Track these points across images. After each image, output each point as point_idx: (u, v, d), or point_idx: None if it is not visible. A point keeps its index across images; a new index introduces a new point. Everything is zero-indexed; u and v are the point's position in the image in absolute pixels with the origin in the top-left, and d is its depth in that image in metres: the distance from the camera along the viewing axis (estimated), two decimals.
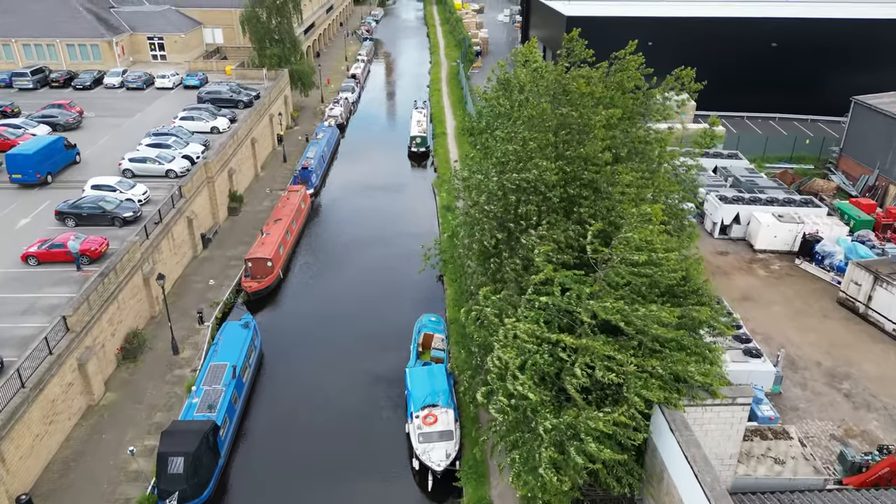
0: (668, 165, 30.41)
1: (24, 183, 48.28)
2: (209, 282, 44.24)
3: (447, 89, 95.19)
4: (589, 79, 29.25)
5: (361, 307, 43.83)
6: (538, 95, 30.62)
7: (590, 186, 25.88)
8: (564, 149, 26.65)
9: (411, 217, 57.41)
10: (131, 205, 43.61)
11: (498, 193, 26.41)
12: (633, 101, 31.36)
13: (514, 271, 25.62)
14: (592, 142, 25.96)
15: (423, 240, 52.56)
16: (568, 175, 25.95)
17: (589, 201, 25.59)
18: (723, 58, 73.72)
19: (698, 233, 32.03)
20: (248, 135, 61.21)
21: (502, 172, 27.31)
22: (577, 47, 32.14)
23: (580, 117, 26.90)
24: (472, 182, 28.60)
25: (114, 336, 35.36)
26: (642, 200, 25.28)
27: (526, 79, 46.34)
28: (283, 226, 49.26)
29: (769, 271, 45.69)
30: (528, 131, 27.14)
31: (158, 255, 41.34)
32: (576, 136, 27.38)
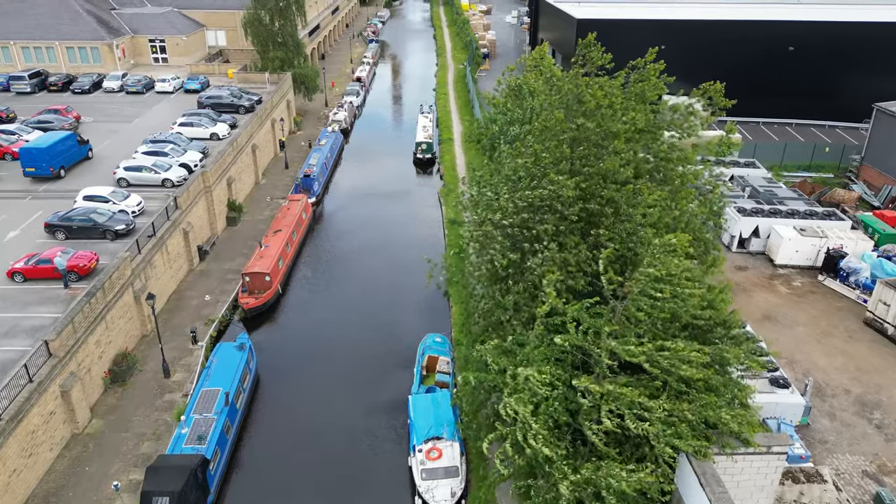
0: (692, 186, 28.38)
1: (38, 176, 49.32)
2: (205, 297, 42.40)
3: (454, 93, 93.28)
4: (606, 88, 27.26)
5: (363, 325, 41.92)
6: (551, 106, 28.61)
7: (609, 205, 23.90)
8: (581, 164, 24.66)
9: (416, 228, 55.47)
10: (124, 217, 41.81)
11: (510, 210, 24.44)
12: (655, 114, 29.34)
13: (521, 298, 23.66)
14: (612, 156, 23.96)
15: (428, 252, 50.82)
16: (585, 192, 23.98)
17: (608, 221, 23.62)
18: (738, 61, 71.57)
19: (724, 256, 29.91)
20: (249, 141, 59.40)
21: (514, 190, 25.35)
22: (593, 54, 30.14)
23: (598, 128, 24.89)
24: (481, 201, 26.58)
25: (101, 358, 33.54)
26: (666, 225, 23.27)
27: (538, 86, 44.60)
28: (282, 237, 47.39)
29: (791, 288, 43.58)
30: (540, 144, 25.14)
31: (151, 270, 39.53)
32: (593, 149, 25.40)
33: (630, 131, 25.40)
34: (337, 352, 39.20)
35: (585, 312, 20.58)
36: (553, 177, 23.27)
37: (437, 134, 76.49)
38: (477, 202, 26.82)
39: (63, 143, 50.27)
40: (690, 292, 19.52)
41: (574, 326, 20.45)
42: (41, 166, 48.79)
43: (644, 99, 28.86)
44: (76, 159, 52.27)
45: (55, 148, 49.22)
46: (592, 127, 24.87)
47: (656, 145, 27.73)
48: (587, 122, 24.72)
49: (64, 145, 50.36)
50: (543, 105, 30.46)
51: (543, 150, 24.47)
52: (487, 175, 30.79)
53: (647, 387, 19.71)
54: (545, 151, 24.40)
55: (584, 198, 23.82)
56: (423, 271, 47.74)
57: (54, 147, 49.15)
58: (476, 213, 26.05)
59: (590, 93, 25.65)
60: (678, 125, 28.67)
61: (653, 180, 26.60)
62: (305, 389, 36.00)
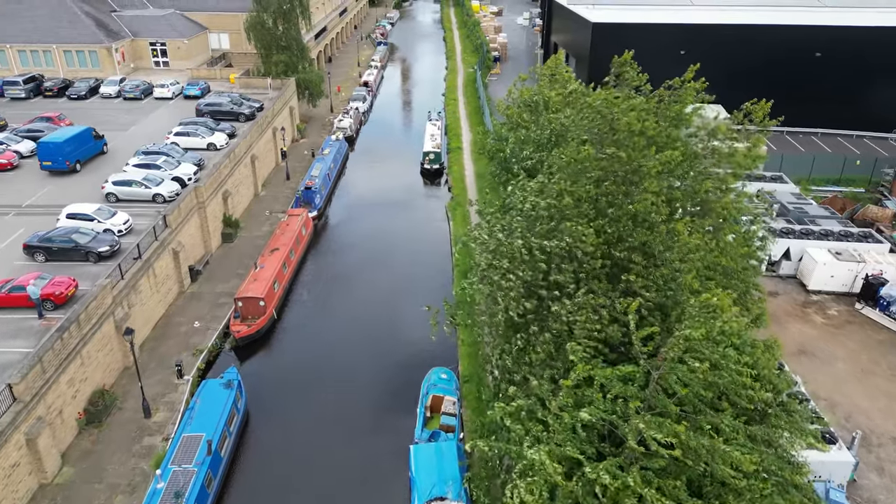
0: (733, 219, 25.24)
1: (55, 170, 50.09)
2: (194, 323, 39.57)
3: (463, 98, 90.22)
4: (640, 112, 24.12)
5: (363, 354, 38.98)
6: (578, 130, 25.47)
7: (640, 250, 20.79)
8: (607, 204, 21.56)
9: (422, 245, 52.43)
10: (108, 238, 39.04)
11: (524, 256, 21.36)
12: (690, 137, 26.16)
13: (544, 351, 20.59)
14: (643, 195, 20.85)
15: (434, 271, 48.02)
16: (611, 236, 20.88)
17: (640, 267, 20.51)
18: (761, 68, 68.26)
19: (765, 303, 26.65)
20: (248, 152, 56.58)
21: (529, 229, 22.25)
22: (628, 74, 27.01)
23: (629, 160, 21.78)
24: (491, 244, 23.41)
25: (75, 398, 30.75)
26: (706, 267, 20.15)
27: (555, 97, 41.48)
28: (279, 257, 44.51)
29: (826, 317, 40.29)
30: (563, 182, 22.00)
31: (136, 295, 36.74)
32: (621, 186, 22.26)
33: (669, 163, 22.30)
34: (334, 385, 36.30)
35: (615, 379, 17.53)
36: (571, 227, 20.15)
37: (446, 142, 73.48)
38: (487, 246, 23.64)
39: (79, 137, 51.21)
40: (737, 369, 16.45)
41: (601, 396, 17.43)
42: (58, 160, 49.67)
43: (679, 122, 25.70)
44: (92, 154, 53.14)
45: (72, 142, 50.20)
46: (624, 157, 21.72)
47: (692, 175, 24.57)
48: (619, 152, 21.54)
49: (80, 140, 51.34)
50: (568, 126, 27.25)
51: (567, 190, 21.36)
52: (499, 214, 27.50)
53: (683, 471, 16.65)
54: (568, 193, 21.31)
55: (609, 242, 20.73)
56: (429, 293, 45.07)
57: (71, 141, 50.10)
58: (487, 258, 22.91)
59: (626, 120, 22.52)
60: (719, 153, 25.55)
61: (687, 212, 23.45)
62: (297, 432, 33.01)
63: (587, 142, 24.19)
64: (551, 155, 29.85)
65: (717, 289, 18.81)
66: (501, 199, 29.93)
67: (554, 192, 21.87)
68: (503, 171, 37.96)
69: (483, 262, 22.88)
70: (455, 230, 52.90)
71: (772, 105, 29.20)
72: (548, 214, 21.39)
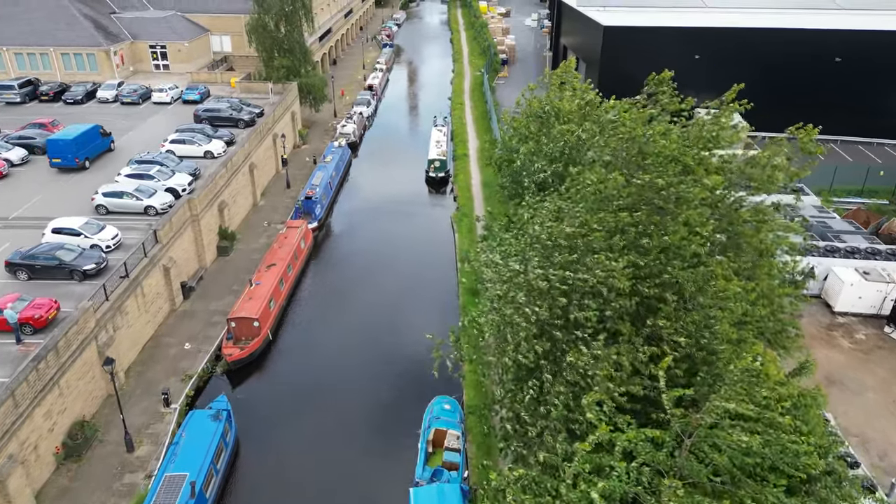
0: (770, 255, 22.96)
1: (64, 167, 50.50)
2: (185, 345, 37.55)
3: (470, 103, 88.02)
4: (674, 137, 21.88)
5: (363, 378, 36.89)
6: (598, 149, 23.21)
7: (672, 288, 18.55)
8: (638, 235, 19.30)
9: (426, 259, 50.24)
10: (94, 255, 37.01)
11: (541, 288, 19.12)
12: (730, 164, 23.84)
13: (561, 403, 18.34)
14: (678, 226, 18.62)
15: (438, 288, 45.88)
16: (642, 270, 18.66)
17: (670, 308, 18.27)
18: (779, 73, 65.90)
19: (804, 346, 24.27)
20: (246, 160, 54.58)
21: (547, 257, 20.01)
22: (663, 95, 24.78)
23: (667, 186, 19.55)
24: (504, 272, 21.13)
25: (52, 431, 28.75)
26: (745, 319, 17.91)
27: (568, 106, 39.29)
28: (276, 273, 42.46)
29: (854, 342, 37.95)
30: (589, 213, 19.75)
31: (122, 317, 34.73)
32: (654, 217, 20.02)
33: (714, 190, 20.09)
34: (330, 414, 34.24)
35: (640, 443, 15.34)
36: (604, 261, 17.91)
37: (452, 148, 71.37)
38: (499, 272, 21.36)
39: (87, 134, 51.57)
40: (790, 438, 14.24)
41: (624, 463, 15.24)
42: (67, 157, 50.16)
43: (712, 146, 23.41)
44: (100, 151, 53.62)
45: (80, 139, 50.57)
46: (662, 184, 19.48)
47: (728, 203, 22.28)
48: (655, 179, 19.30)
49: (88, 137, 51.71)
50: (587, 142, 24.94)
51: (595, 222, 19.12)
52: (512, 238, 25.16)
53: None
54: (597, 224, 19.07)
55: (638, 278, 18.51)
56: (432, 312, 42.96)
57: (80, 138, 50.46)
58: (499, 288, 20.64)
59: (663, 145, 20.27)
60: (758, 180, 23.29)
61: (721, 247, 21.18)
62: (290, 467, 30.93)
63: (610, 164, 21.92)
64: (569, 174, 27.65)
65: (757, 342, 16.62)
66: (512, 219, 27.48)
67: (577, 221, 19.58)
68: (513, 184, 35.77)
69: (495, 293, 20.68)
70: (460, 243, 50.73)
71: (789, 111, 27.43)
72: (568, 245, 19.15)
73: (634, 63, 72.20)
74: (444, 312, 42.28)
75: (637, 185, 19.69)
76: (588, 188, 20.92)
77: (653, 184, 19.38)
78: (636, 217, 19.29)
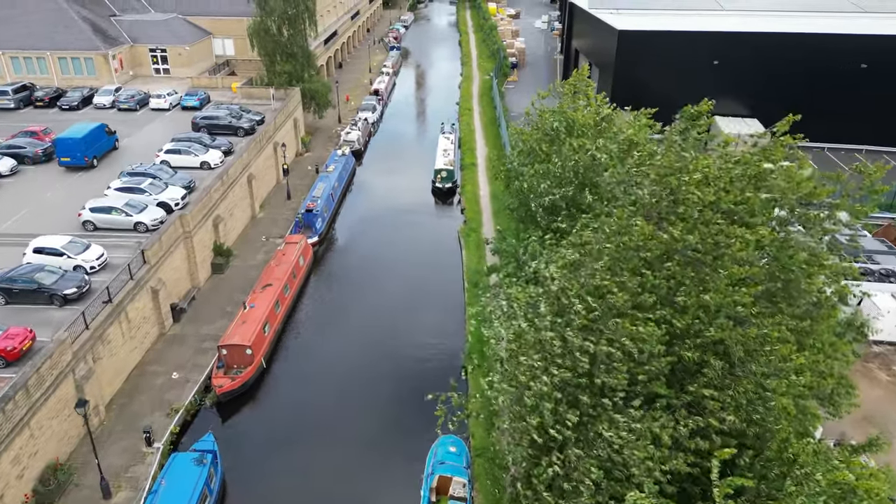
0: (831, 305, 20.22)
1: (72, 166, 50.73)
2: (173, 374, 35.16)
3: (479, 108, 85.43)
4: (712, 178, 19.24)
5: (363, 414, 34.42)
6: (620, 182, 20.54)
7: (714, 350, 15.93)
8: (672, 290, 16.68)
9: (432, 278, 47.60)
10: (76, 277, 34.66)
11: (557, 350, 16.56)
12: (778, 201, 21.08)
13: (593, 482, 15.65)
14: (720, 282, 16.02)
15: (445, 310, 43.32)
16: (678, 329, 16.06)
17: (714, 373, 15.65)
18: (801, 79, 63.17)
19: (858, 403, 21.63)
20: (245, 171, 52.21)
21: (560, 314, 17.40)
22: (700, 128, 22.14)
23: (702, 239, 16.91)
24: (512, 327, 18.48)
25: (22, 478, 26.39)
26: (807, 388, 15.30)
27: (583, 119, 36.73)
28: (272, 294, 40.03)
29: (892, 374, 35.23)
30: (610, 270, 17.07)
31: (103, 346, 32.37)
32: (689, 270, 17.38)
33: (760, 243, 17.47)
34: (327, 453, 31.75)
35: None
36: (629, 327, 15.31)
37: (460, 156, 68.82)
38: (508, 323, 18.71)
39: (94, 133, 51.86)
40: None
41: None
42: (76, 156, 50.44)
43: (760, 183, 20.66)
44: (106, 149, 53.83)
45: (89, 138, 50.94)
46: (694, 240, 16.87)
47: (776, 248, 19.60)
48: (687, 236, 16.68)
49: (95, 135, 51.99)
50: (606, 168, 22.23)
51: (617, 286, 16.43)
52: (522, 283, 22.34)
53: None
54: (618, 288, 16.39)
55: (672, 335, 15.91)
56: (438, 338, 40.41)
57: (88, 137, 50.84)
58: (508, 347, 17.99)
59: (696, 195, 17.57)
60: (812, 220, 20.62)
61: (770, 295, 18.45)
62: None
63: (636, 203, 19.23)
64: (584, 201, 25.03)
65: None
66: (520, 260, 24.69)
67: (596, 286, 16.79)
68: (521, 207, 33.18)
69: (504, 353, 18.13)
70: (468, 260, 48.19)
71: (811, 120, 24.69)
72: (585, 308, 16.47)
73: (650, 68, 69.82)
74: (451, 337, 39.76)
75: (669, 240, 17.04)
76: (608, 242, 17.94)
77: (682, 241, 16.75)
78: (668, 270, 16.63)
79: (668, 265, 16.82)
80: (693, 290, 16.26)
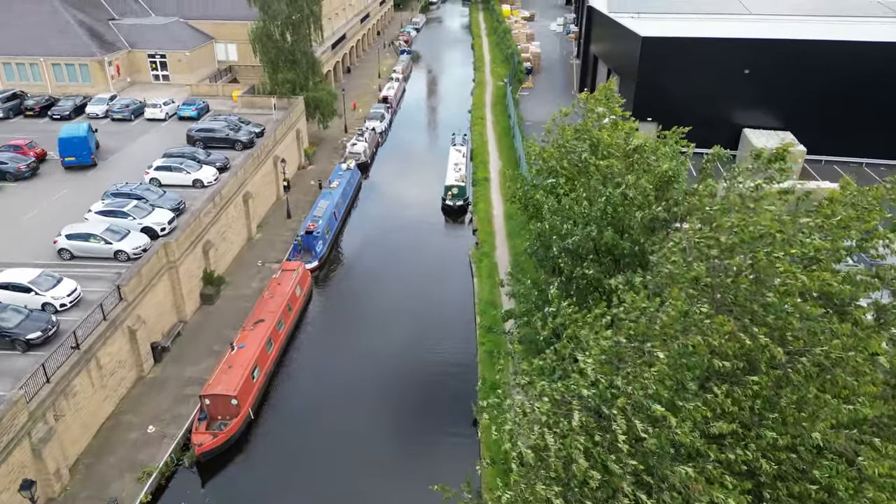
0: None
1: (77, 165, 49.96)
2: (148, 428, 31.47)
3: (492, 117, 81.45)
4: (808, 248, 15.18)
5: (363, 475, 30.54)
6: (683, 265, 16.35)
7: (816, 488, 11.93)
8: (758, 413, 12.65)
9: (440, 311, 43.54)
10: (42, 319, 31.00)
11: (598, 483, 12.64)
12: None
13: None
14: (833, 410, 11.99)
15: (454, 349, 39.43)
16: (764, 478, 12.04)
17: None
18: (838, 89, 58.74)
19: None
20: (241, 190, 48.55)
21: (600, 428, 13.42)
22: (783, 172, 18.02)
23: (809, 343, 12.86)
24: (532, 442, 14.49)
25: None
26: None
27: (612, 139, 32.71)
28: (264, 332, 36.29)
29: None
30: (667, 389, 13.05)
31: (68, 401, 28.73)
32: (785, 388, 13.27)
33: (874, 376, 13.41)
34: None
35: None
36: (691, 479, 11.38)
37: (472, 169, 64.90)
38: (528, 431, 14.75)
39: (88, 130, 51.38)
40: None
41: None
42: (82, 154, 49.90)
43: (838, 243, 16.56)
44: (96, 147, 53.41)
45: (89, 135, 50.74)
46: (780, 356, 12.85)
47: None
48: (776, 348, 12.66)
49: (90, 133, 51.54)
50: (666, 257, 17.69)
51: (677, 415, 12.48)
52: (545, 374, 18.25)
53: None
54: (679, 417, 12.43)
55: (759, 485, 11.96)
56: (446, 384, 36.53)
57: (88, 134, 50.62)
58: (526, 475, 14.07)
59: (802, 279, 13.49)
60: None
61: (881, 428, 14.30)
62: None
63: (697, 279, 15.02)
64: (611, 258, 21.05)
65: None
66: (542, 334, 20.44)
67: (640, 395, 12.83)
68: (542, 248, 29.18)
69: (516, 470, 14.24)
70: (480, 289, 44.27)
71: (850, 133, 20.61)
72: (630, 435, 12.46)
73: (675, 77, 65.45)
74: (461, 380, 35.85)
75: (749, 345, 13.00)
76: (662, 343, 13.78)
77: (770, 350, 12.71)
78: (751, 387, 12.62)
79: (752, 378, 12.84)
80: (790, 416, 12.25)
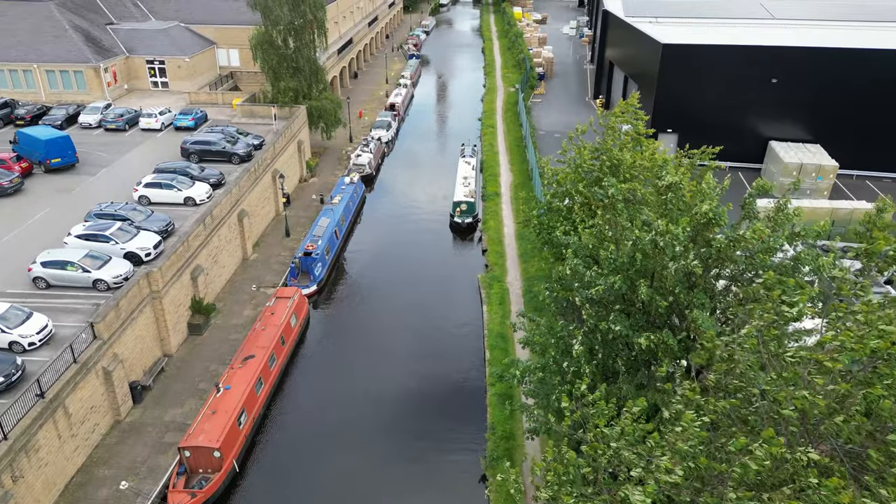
0: None
1: (64, 166, 49.45)
2: (121, 484, 28.42)
3: (503, 125, 78.21)
4: None
5: None
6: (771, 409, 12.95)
7: None
8: None
9: (447, 341, 40.36)
10: (7, 362, 28.04)
11: None
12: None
13: None
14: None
15: (461, 375, 36.33)
16: None
17: None
18: (872, 101, 55.14)
19: None
20: (235, 208, 45.54)
21: None
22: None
23: None
24: None
25: None
26: None
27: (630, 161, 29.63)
28: (253, 371, 33.20)
29: None
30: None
31: (29, 458, 25.74)
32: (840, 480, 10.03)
33: None
34: None
35: None
36: None
37: (482, 182, 61.71)
38: None
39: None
40: None
41: None
42: (68, 154, 49.67)
43: None
44: None
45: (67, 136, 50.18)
46: None
47: None
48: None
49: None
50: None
51: None
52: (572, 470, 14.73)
53: None
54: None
55: None
56: (449, 423, 33.39)
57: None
58: None
59: None
60: None
61: None
62: None
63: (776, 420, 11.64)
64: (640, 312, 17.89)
65: None
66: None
67: None
68: (563, 290, 25.92)
69: None
70: (490, 318, 41.07)
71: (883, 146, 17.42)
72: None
73: (698, 87, 61.76)
74: (471, 429, 32.64)
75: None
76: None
77: None
78: None
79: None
80: None
